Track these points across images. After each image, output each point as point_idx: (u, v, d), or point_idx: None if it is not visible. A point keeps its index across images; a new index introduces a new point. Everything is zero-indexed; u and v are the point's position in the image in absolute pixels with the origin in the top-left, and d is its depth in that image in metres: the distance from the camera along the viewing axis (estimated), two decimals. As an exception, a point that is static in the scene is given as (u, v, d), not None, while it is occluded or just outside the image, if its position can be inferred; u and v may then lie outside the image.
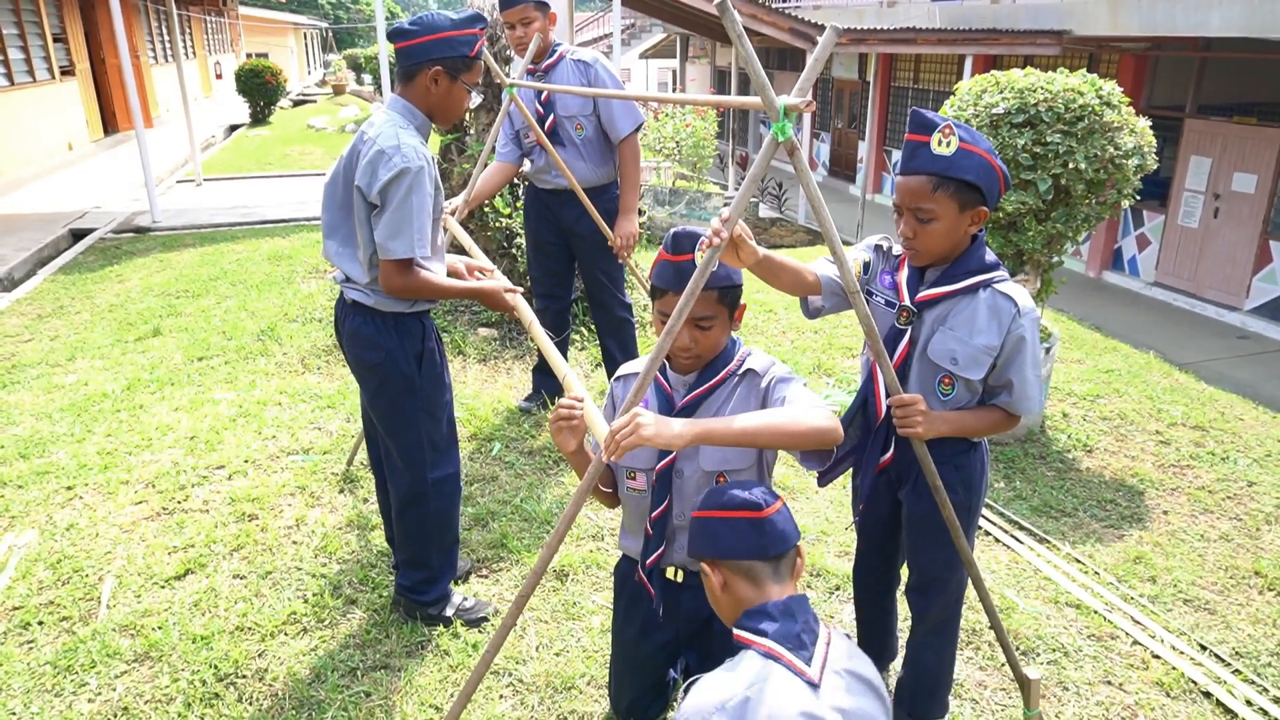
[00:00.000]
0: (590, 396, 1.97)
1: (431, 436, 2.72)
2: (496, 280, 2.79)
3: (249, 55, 31.21)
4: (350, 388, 4.70)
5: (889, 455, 2.17)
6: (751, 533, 1.46)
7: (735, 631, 1.44)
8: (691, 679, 1.40)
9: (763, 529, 1.47)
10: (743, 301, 1.90)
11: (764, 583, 1.45)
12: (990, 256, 2.05)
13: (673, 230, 1.84)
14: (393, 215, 2.38)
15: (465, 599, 2.95)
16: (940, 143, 1.92)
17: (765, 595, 1.44)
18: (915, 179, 1.96)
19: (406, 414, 2.66)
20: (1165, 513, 3.73)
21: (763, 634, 1.39)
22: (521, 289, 2.76)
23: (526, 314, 2.63)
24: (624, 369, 2.05)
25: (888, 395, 2.05)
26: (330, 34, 53.24)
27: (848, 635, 1.51)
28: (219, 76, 26.40)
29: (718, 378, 1.87)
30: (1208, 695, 2.65)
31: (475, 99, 2.58)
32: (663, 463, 1.89)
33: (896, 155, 16.26)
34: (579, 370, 5.02)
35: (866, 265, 2.16)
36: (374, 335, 2.59)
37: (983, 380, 2.05)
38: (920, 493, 2.15)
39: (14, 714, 2.49)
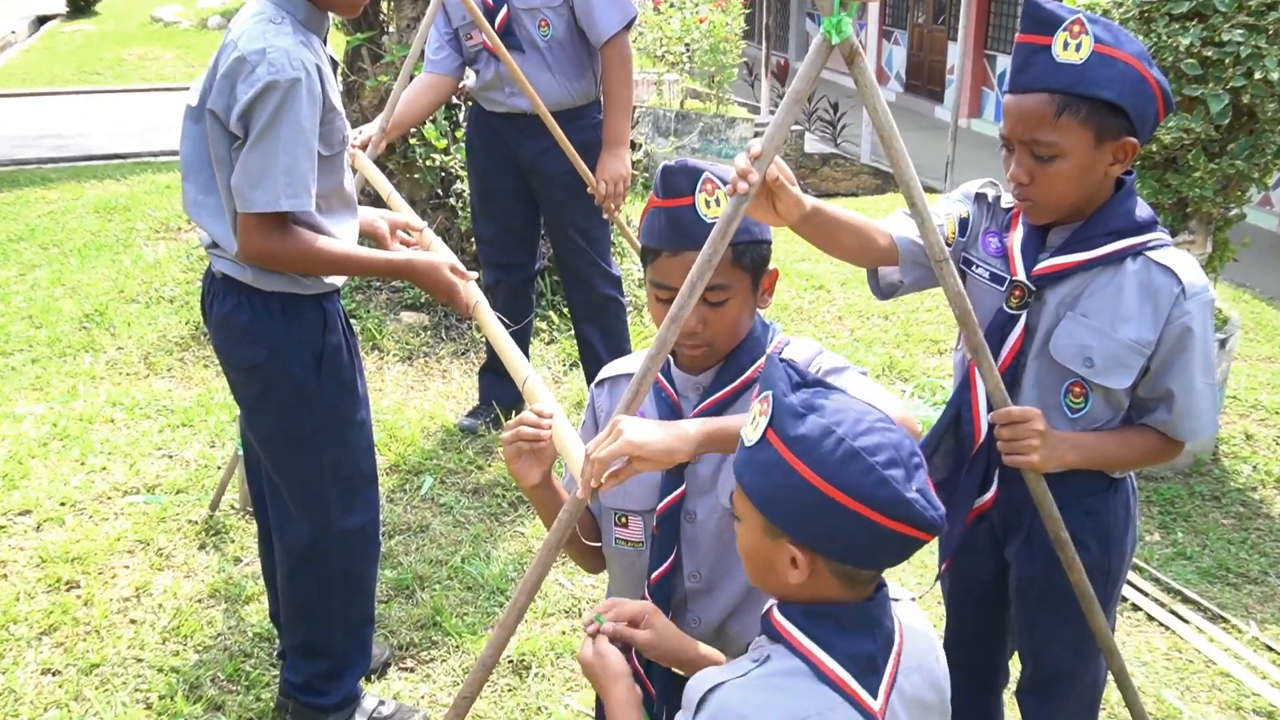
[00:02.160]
0: (562, 409, 1.98)
1: (338, 469, 2.73)
2: (433, 250, 2.75)
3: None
4: (217, 398, 4.70)
5: (991, 494, 2.18)
6: (899, 550, 1.45)
7: (782, 623, 1.47)
8: None
9: (913, 549, 1.46)
10: (772, 266, 1.91)
11: (862, 587, 1.48)
12: (1142, 211, 2.06)
13: (663, 164, 1.85)
14: (253, 151, 2.38)
15: (382, 702, 2.96)
16: (1067, 45, 1.93)
17: (853, 597, 1.47)
18: (1031, 98, 1.97)
19: (301, 437, 2.67)
20: (1394, 579, 3.75)
21: (829, 647, 1.43)
22: (475, 274, 2.68)
23: (484, 309, 2.56)
24: (610, 369, 2.05)
25: (990, 409, 2.06)
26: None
27: (913, 598, 1.56)
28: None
29: (743, 378, 1.87)
30: None
31: None
32: (666, 501, 1.89)
33: (1004, 63, 16.30)
34: (546, 372, 5.03)
35: (964, 222, 2.18)
36: (253, 324, 2.59)
37: (1129, 390, 2.06)
38: (1036, 549, 2.16)
39: None
